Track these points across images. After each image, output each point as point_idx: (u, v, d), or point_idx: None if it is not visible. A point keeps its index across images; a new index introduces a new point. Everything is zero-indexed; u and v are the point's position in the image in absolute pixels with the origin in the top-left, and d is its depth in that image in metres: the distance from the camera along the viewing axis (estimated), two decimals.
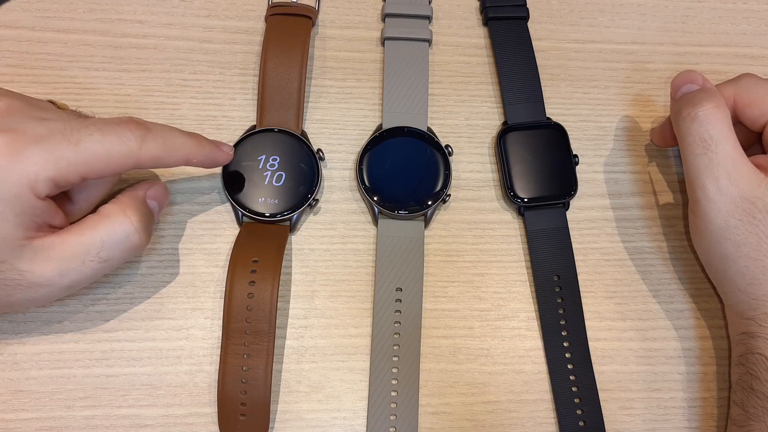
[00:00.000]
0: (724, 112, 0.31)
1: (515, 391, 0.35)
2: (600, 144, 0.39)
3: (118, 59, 0.38)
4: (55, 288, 0.28)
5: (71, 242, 0.28)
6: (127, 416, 0.33)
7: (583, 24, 0.41)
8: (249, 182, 0.35)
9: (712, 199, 0.31)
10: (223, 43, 0.39)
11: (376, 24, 0.40)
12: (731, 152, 0.31)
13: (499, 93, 0.39)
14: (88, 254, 0.28)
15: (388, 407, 0.33)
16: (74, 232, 0.28)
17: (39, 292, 0.28)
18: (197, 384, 0.33)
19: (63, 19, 0.38)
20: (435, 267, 0.36)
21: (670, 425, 0.35)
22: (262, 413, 0.32)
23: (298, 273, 0.35)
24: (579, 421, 0.34)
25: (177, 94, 0.37)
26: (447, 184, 0.36)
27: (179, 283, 0.35)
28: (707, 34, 0.42)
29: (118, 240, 0.29)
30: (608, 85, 0.40)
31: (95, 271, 0.29)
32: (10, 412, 0.32)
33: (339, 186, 0.37)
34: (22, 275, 0.27)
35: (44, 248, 0.27)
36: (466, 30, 0.41)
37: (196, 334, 0.34)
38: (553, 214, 0.37)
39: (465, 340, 0.35)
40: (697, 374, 0.35)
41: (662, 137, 0.37)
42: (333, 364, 0.34)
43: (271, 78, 0.36)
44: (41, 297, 0.28)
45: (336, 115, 0.38)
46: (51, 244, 0.28)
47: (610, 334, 0.36)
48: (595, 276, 0.37)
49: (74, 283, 0.29)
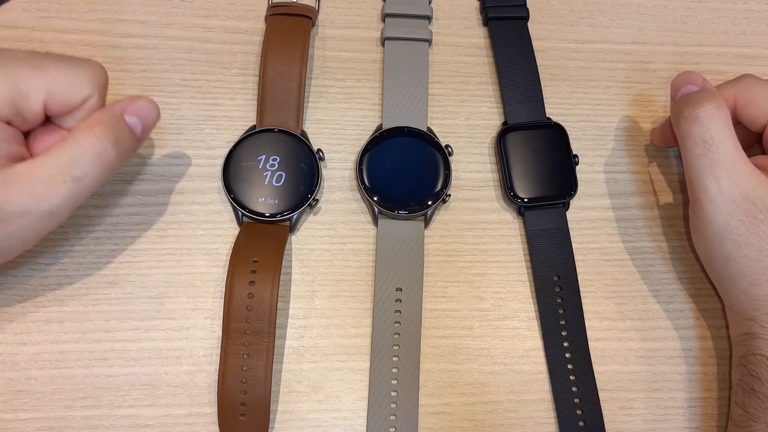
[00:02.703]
0: (725, 113, 0.31)
1: (515, 391, 0.35)
2: (600, 144, 0.39)
3: (118, 59, 0.38)
4: (34, 216, 0.27)
5: (41, 165, 0.27)
6: (127, 416, 0.33)
7: (583, 24, 0.41)
8: (249, 182, 0.35)
9: (713, 200, 0.31)
10: (223, 43, 0.39)
11: (376, 24, 0.40)
12: (732, 152, 0.31)
13: (499, 93, 0.39)
14: (61, 174, 0.27)
15: (388, 407, 0.33)
16: (43, 155, 0.28)
17: (19, 223, 0.27)
18: (197, 384, 0.33)
19: (63, 19, 0.38)
20: (435, 267, 0.36)
21: (670, 425, 0.35)
22: (262, 413, 0.32)
23: (298, 273, 0.35)
24: (579, 421, 0.34)
25: (177, 94, 0.37)
26: (447, 184, 0.36)
27: (179, 283, 0.35)
28: (707, 34, 0.42)
29: (88, 156, 0.28)
30: (608, 85, 0.40)
31: (73, 192, 0.28)
32: (10, 412, 0.32)
33: (339, 186, 0.37)
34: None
35: (15, 175, 0.27)
36: (466, 30, 0.41)
37: (196, 334, 0.34)
38: (553, 214, 0.37)
39: (465, 340, 0.35)
40: (697, 374, 0.35)
41: (662, 138, 0.37)
42: (333, 364, 0.34)
43: (271, 78, 0.36)
44: (23, 229, 0.27)
45: (336, 115, 0.38)
46: (21, 170, 0.27)
47: (610, 334, 0.36)
48: (595, 276, 0.37)
49: (54, 207, 0.28)
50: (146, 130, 0.31)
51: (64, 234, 0.35)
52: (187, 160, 0.37)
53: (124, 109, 0.30)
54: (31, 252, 0.34)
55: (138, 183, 0.36)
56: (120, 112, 0.30)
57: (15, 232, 0.27)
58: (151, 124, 0.31)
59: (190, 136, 0.37)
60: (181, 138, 0.37)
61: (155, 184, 0.36)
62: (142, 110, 0.31)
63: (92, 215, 0.35)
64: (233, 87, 0.38)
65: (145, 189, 0.36)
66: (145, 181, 0.36)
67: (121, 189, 0.36)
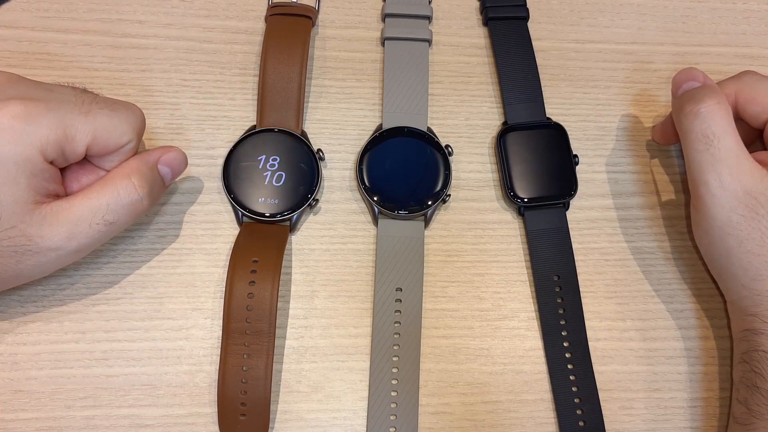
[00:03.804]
0: (726, 109, 0.32)
1: (515, 391, 0.35)
2: (600, 144, 0.39)
3: (118, 59, 0.38)
4: (63, 252, 0.29)
5: (78, 206, 0.29)
6: (127, 416, 0.33)
7: (583, 24, 0.41)
8: (249, 182, 0.35)
9: (715, 195, 0.31)
10: (223, 43, 0.39)
11: (376, 24, 0.40)
12: (734, 148, 0.31)
13: (499, 93, 0.39)
14: (95, 217, 0.29)
15: (388, 407, 0.33)
16: (80, 196, 0.29)
17: (48, 257, 0.29)
18: (197, 384, 0.33)
19: (63, 19, 0.38)
20: (435, 267, 0.36)
21: (670, 425, 0.35)
22: (262, 413, 0.32)
23: (298, 273, 0.35)
24: (579, 421, 0.34)
25: (177, 94, 0.37)
26: (447, 184, 0.36)
27: (179, 283, 0.35)
28: (707, 34, 0.42)
29: (123, 204, 0.30)
30: (608, 85, 0.40)
31: (102, 234, 0.30)
32: (10, 412, 0.32)
33: (339, 186, 0.37)
34: (31, 240, 0.28)
35: (52, 213, 0.28)
36: (466, 30, 0.41)
37: (196, 334, 0.34)
38: (553, 214, 0.37)
39: (465, 340, 0.35)
40: (698, 374, 0.35)
41: (663, 134, 0.37)
42: (333, 364, 0.34)
43: (271, 78, 0.36)
44: (49, 262, 0.29)
45: (336, 115, 0.38)
46: (59, 208, 0.28)
47: (610, 334, 0.36)
48: (595, 276, 0.37)
49: (82, 246, 0.29)
50: (174, 179, 0.33)
51: None
52: None
53: (159, 159, 0.32)
54: None
55: None
56: (155, 162, 0.32)
57: (41, 264, 0.29)
58: (179, 174, 0.33)
59: (190, 136, 0.37)
60: (181, 138, 0.37)
61: None
62: (174, 161, 0.33)
63: None
64: (233, 87, 0.38)
65: None
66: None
67: None
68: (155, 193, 0.32)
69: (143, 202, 0.31)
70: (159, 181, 0.32)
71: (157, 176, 0.32)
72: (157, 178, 0.32)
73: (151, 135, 0.37)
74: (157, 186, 0.32)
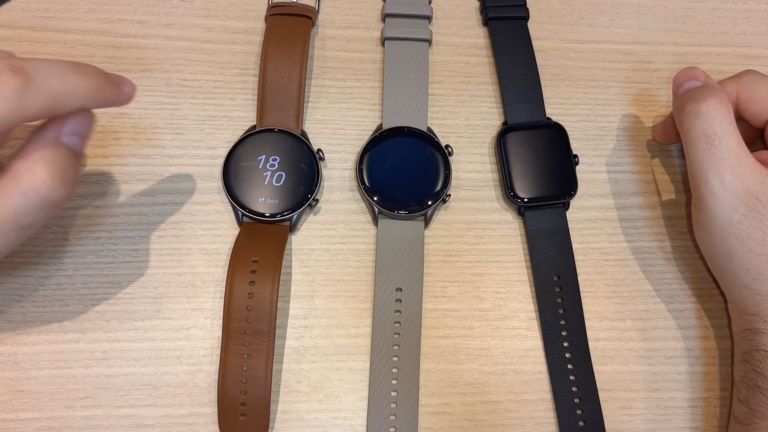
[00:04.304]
0: (728, 108, 0.32)
1: (515, 391, 0.35)
2: (600, 144, 0.39)
3: (118, 59, 0.38)
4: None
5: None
6: (127, 416, 0.33)
7: (583, 24, 0.41)
8: (249, 182, 0.35)
9: (716, 194, 0.31)
10: (223, 43, 0.39)
11: (376, 24, 0.40)
12: (735, 147, 0.31)
13: (499, 93, 0.39)
14: (4, 226, 0.25)
15: (388, 407, 0.33)
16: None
17: None
18: (197, 384, 0.33)
19: (63, 19, 0.38)
20: (435, 267, 0.36)
21: (670, 425, 0.35)
22: (262, 413, 0.32)
23: (298, 273, 0.35)
24: (579, 421, 0.34)
25: (177, 94, 0.37)
26: (447, 184, 0.36)
27: (179, 283, 0.35)
28: (707, 34, 0.42)
29: (34, 204, 0.25)
30: (608, 85, 0.40)
31: (19, 237, 0.26)
32: (10, 412, 0.32)
33: (339, 186, 0.37)
34: None
35: None
36: (466, 30, 0.41)
37: (196, 334, 0.34)
38: (553, 214, 0.37)
39: (465, 340, 0.35)
40: (698, 374, 0.35)
41: (664, 133, 0.37)
42: (333, 364, 0.34)
43: (271, 78, 0.36)
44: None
45: (336, 115, 0.38)
46: None
47: (610, 334, 0.36)
48: (595, 276, 0.37)
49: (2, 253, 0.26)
50: (86, 143, 0.28)
51: (64, 234, 0.35)
52: (187, 160, 0.37)
53: (61, 132, 0.27)
54: (30, 252, 0.34)
55: (138, 183, 0.36)
56: (56, 137, 0.26)
57: None
58: (89, 134, 0.28)
59: (190, 136, 0.37)
60: (181, 138, 0.37)
61: (155, 184, 0.36)
62: (80, 126, 0.27)
63: (92, 215, 0.35)
64: (233, 87, 0.38)
65: (145, 189, 0.36)
66: (145, 181, 0.36)
67: (121, 189, 0.36)
68: (70, 176, 0.26)
69: (58, 192, 0.26)
70: (70, 159, 0.26)
71: (65, 153, 0.26)
72: (66, 157, 0.26)
73: (151, 135, 0.37)
74: (70, 167, 0.26)
